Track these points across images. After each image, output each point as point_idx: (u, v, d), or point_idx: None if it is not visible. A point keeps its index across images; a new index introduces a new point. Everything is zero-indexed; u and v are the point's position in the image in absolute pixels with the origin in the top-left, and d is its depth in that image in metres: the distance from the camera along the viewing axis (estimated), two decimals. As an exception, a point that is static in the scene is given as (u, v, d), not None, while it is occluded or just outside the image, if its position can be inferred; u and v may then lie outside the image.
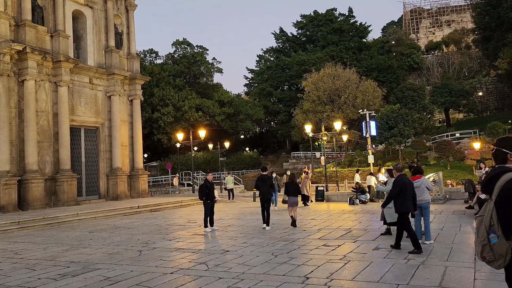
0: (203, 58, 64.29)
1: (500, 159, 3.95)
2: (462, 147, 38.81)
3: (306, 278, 7.01)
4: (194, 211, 21.13)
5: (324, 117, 48.91)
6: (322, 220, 14.75)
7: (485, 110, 67.62)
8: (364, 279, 6.82)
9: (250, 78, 77.58)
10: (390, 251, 8.95)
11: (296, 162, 52.07)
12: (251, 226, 14.01)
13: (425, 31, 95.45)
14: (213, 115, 55.35)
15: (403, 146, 40.05)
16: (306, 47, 73.71)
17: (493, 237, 3.70)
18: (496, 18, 60.77)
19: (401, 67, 70.23)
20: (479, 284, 6.30)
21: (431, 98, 54.92)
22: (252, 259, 8.72)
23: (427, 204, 10.13)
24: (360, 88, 51.72)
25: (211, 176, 14.33)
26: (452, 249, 9.00)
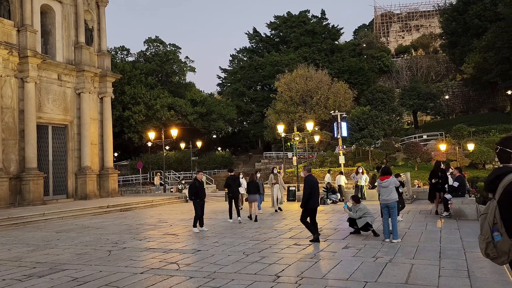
0: (176, 57, 63.70)
1: (504, 158, 4.05)
2: (429, 148, 39.94)
3: (277, 276, 7.07)
4: (165, 210, 20.93)
5: (297, 118, 49.38)
6: (293, 220, 14.88)
7: (451, 113, 69.75)
8: (334, 277, 6.94)
9: (223, 78, 77.42)
10: (359, 250, 9.13)
11: (268, 162, 52.27)
12: (223, 226, 14.00)
13: (395, 35, 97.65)
14: (186, 114, 54.91)
15: (373, 147, 40.86)
16: (279, 48, 74.15)
17: (497, 235, 3.82)
18: (463, 24, 62.87)
19: (371, 69, 71.59)
20: (444, 280, 6.51)
21: (400, 101, 56.24)
22: (223, 258, 8.72)
23: (394, 204, 10.38)
24: (332, 89, 52.43)
25: (201, 175, 14.14)
26: (418, 247, 9.26)
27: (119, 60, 59.92)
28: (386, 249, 9.11)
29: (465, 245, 9.22)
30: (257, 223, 14.32)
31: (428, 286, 6.22)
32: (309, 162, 39.93)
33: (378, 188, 10.72)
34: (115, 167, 36.45)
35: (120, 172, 41.48)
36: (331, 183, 23.42)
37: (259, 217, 15.62)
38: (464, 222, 12.75)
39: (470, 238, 10.16)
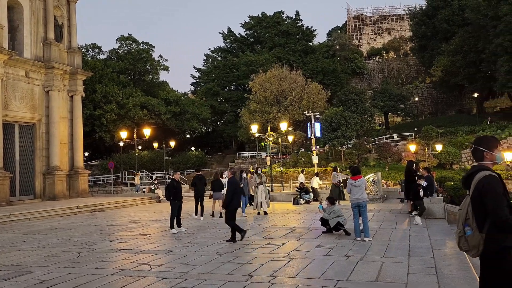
0: (149, 55, 62.84)
1: (478, 156, 4.24)
2: (399, 149, 40.85)
3: (250, 276, 7.08)
4: (137, 211, 20.62)
5: (271, 118, 49.59)
6: (266, 220, 14.94)
7: (421, 115, 71.53)
8: (306, 276, 7.00)
9: (197, 77, 76.91)
10: (332, 249, 9.24)
11: (242, 162, 52.26)
12: (195, 226, 13.91)
13: (367, 38, 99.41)
14: (159, 113, 54.24)
15: (346, 147, 41.45)
16: (253, 48, 74.28)
17: (468, 229, 4.05)
18: (432, 28, 64.58)
19: (344, 71, 72.63)
20: (412, 277, 6.67)
21: (372, 102, 57.26)
22: (196, 258, 8.66)
23: (365, 203, 10.56)
24: (306, 90, 52.88)
25: (179, 175, 13.98)
26: (389, 245, 9.44)
27: (90, 58, 58.63)
28: (357, 248, 9.25)
29: (433, 243, 9.46)
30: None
31: (397, 283, 6.35)
32: (283, 162, 40.15)
33: (349, 188, 10.87)
34: (86, 167, 35.69)
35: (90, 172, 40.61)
36: (304, 183, 23.63)
37: (241, 219, 15.48)
38: (432, 221, 13.09)
39: (438, 236, 10.44)
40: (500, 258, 4.01)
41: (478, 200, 4.03)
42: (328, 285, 6.40)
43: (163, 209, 20.44)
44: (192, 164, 52.46)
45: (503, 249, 4.00)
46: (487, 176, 4.02)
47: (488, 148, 4.23)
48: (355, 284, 6.39)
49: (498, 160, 4.22)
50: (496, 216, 3.89)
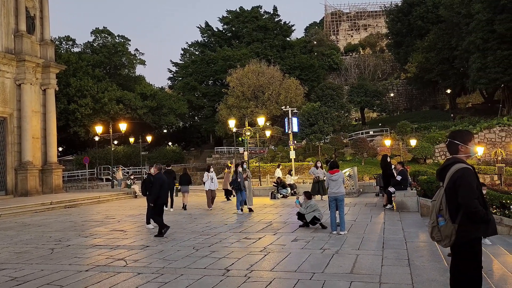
0: (125, 49, 61.77)
1: (452, 150, 4.39)
2: (375, 144, 41.50)
3: (227, 270, 7.09)
4: (113, 206, 20.34)
5: (248, 113, 49.56)
6: (244, 215, 14.97)
7: (396, 110, 72.81)
8: (283, 269, 7.06)
9: (174, 72, 76.13)
10: (308, 242, 9.34)
11: (219, 157, 52.18)
12: (172, 221, 13.81)
13: (344, 34, 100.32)
14: (135, 108, 53.48)
15: (323, 142, 41.82)
16: (231, 43, 73.95)
17: (441, 220, 4.19)
18: (407, 25, 65.61)
19: (322, 66, 73.11)
20: (386, 269, 6.80)
21: (349, 98, 57.91)
22: (172, 253, 8.62)
23: (342, 197, 10.69)
24: (283, 85, 53.03)
25: (156, 170, 13.77)
26: (364, 238, 9.60)
27: (64, 51, 57.22)
28: (333, 241, 9.37)
29: (406, 236, 9.66)
30: (208, 218, 14.27)
31: (372, 275, 6.47)
32: (260, 157, 40.24)
33: (327, 182, 11.00)
34: (60, 162, 34.99)
35: (65, 168, 39.80)
36: (281, 178, 23.78)
37: (280, 220, 15.49)
38: (406, 214, 13.37)
39: (411, 228, 10.67)
40: (470, 248, 4.16)
41: (452, 191, 4.16)
42: (304, 278, 6.47)
43: (139, 205, 20.23)
44: (169, 159, 52.00)
45: (474, 239, 4.15)
46: (462, 169, 4.15)
47: (463, 141, 4.36)
48: (330, 276, 6.48)
49: (472, 153, 4.35)
50: (467, 207, 4.02)
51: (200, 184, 43.38)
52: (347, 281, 6.17)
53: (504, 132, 37.88)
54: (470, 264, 4.19)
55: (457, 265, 4.28)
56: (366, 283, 6.08)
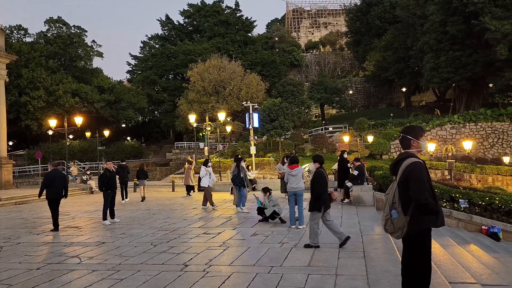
0: (81, 40, 59.66)
1: (405, 144, 4.53)
2: (334, 140, 42.34)
3: (185, 265, 7.03)
4: (67, 203, 19.61)
5: (209, 108, 49.25)
6: (203, 210, 14.87)
7: (354, 107, 74.55)
8: (241, 264, 7.07)
9: (134, 65, 74.29)
10: (267, 236, 9.40)
11: (179, 152, 51.59)
12: (130, 217, 13.54)
13: (305, 31, 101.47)
14: (92, 101, 51.84)
15: (283, 138, 42.22)
16: (192, 37, 73.11)
17: (394, 212, 4.34)
18: (365, 24, 67.25)
19: (283, 63, 73.65)
20: (342, 261, 6.97)
21: (309, 94, 58.72)
22: (129, 249, 8.44)
23: (301, 192, 10.83)
24: (245, 81, 53.04)
25: (111, 165, 13.39)
26: (321, 232, 9.72)
27: (15, 40, 54.51)
28: (292, 235, 9.49)
29: (362, 229, 9.93)
30: (166, 213, 14.07)
31: (328, 267, 6.60)
32: (221, 153, 40.11)
33: (286, 177, 11.10)
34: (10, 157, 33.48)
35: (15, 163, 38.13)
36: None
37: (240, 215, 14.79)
38: (363, 208, 13.73)
39: (367, 222, 10.98)
40: (421, 238, 4.34)
41: (404, 185, 4.31)
42: (262, 271, 6.51)
43: (96, 200, 19.69)
44: (128, 154, 50.93)
45: (424, 230, 4.33)
46: (414, 163, 4.31)
47: (415, 137, 4.53)
48: (288, 269, 6.55)
49: (423, 148, 4.53)
50: (418, 199, 4.19)
51: (159, 179, 42.78)
52: (305, 274, 6.27)
53: (454, 130, 39.66)
54: (420, 255, 4.36)
55: (409, 255, 4.44)
56: (323, 275, 6.19)
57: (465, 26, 40.57)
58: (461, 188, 16.03)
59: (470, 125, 39.67)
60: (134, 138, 63.38)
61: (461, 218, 13.84)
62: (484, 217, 13.74)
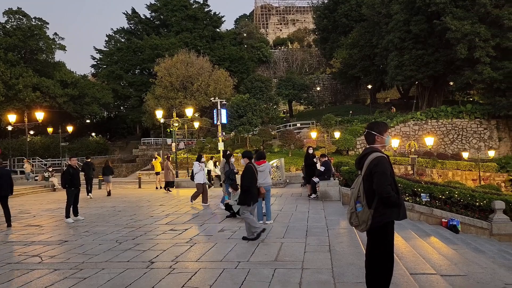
0: (43, 32, 57.51)
1: (370, 140, 4.64)
2: (302, 136, 42.78)
3: (151, 262, 6.94)
4: (28, 201, 18.99)
5: (177, 104, 48.72)
6: (170, 206, 14.72)
7: (322, 104, 75.52)
8: (208, 259, 7.05)
9: (98, 59, 72.49)
10: (234, 232, 9.40)
11: (146, 148, 50.83)
12: (94, 214, 13.23)
13: (273, 27, 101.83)
14: (54, 96, 50.23)
15: (251, 134, 42.29)
16: (159, 31, 72.00)
17: (359, 206, 4.46)
18: (332, 22, 68.16)
19: (251, 59, 73.70)
20: (308, 255, 7.06)
21: (277, 90, 59.04)
22: (93, 247, 8.25)
23: (269, 188, 10.89)
24: (213, 76, 52.76)
25: (75, 161, 13.01)
26: (288, 227, 9.87)
27: (-29, 31, 52.11)
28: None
29: (328, 223, 10.09)
30: (132, 210, 13.84)
31: (295, 262, 6.68)
32: (188, 149, 39.79)
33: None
34: (-34, 154, 32.00)
35: (-28, 159, 36.47)
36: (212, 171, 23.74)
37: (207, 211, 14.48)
38: (329, 203, 13.95)
39: (333, 216, 11.16)
40: (384, 231, 4.46)
41: (369, 179, 4.43)
42: (229, 267, 6.51)
43: (58, 198, 19.14)
44: (93, 150, 49.71)
45: (387, 223, 4.46)
46: (378, 157, 4.43)
47: (379, 132, 4.65)
48: (255, 264, 6.58)
49: (387, 143, 4.65)
50: (381, 193, 4.31)
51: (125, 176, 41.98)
52: (271, 268, 6.31)
53: (417, 126, 40.87)
54: (384, 247, 4.48)
55: (372, 248, 4.56)
56: (289, 269, 6.26)
57: (428, 26, 41.82)
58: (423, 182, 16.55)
59: (432, 122, 40.97)
60: (99, 134, 61.93)
61: (423, 212, 14.30)
62: (444, 210, 14.25)
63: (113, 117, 71.40)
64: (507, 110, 37.71)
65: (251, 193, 8.56)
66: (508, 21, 35.93)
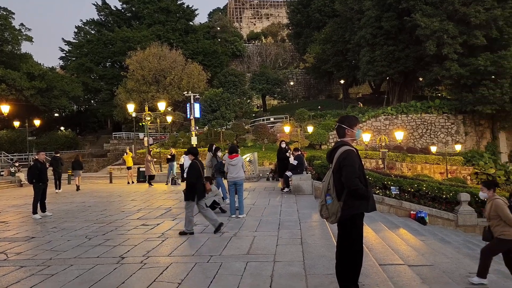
0: (8, 23, 55.46)
1: (340, 133, 4.72)
2: (275, 130, 42.95)
3: (122, 258, 6.84)
4: (-7, 197, 18.40)
5: (149, 98, 47.99)
6: (142, 201, 14.54)
7: (295, 98, 75.95)
8: (180, 254, 7.01)
9: (67, 51, 70.45)
10: (207, 226, 9.37)
11: (118, 143, 49.97)
12: (63, 210, 12.93)
13: (247, 21, 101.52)
14: (21, 89, 48.57)
15: (225, 128, 42.16)
16: (131, 24, 70.65)
17: (329, 198, 4.56)
18: (306, 17, 68.52)
19: (225, 53, 73.28)
20: (280, 248, 7.12)
21: (251, 85, 58.99)
22: (62, 244, 8.07)
23: (242, 181, 10.90)
24: (186, 70, 52.20)
25: (43, 156, 12.63)
26: (261, 221, 9.91)
27: None
28: (232, 224, 9.54)
29: (301, 217, 10.19)
30: (102, 206, 13.60)
31: (267, 255, 6.72)
32: (161, 143, 39.35)
33: (226, 166, 11.12)
34: None
35: None
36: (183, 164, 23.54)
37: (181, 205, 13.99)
38: (302, 197, 14.08)
39: (305, 210, 11.27)
40: (354, 223, 4.55)
41: (338, 172, 4.51)
42: (201, 261, 6.49)
43: (25, 194, 18.61)
44: (62, 145, 48.50)
45: (356, 215, 4.54)
46: (347, 151, 4.51)
47: (349, 125, 4.72)
48: (227, 258, 6.59)
49: (358, 137, 4.72)
50: (349, 185, 4.39)
51: (96, 171, 41.15)
52: (244, 262, 6.33)
53: (388, 121, 41.66)
54: (353, 238, 4.56)
55: (342, 239, 4.64)
56: (261, 262, 6.29)
57: (399, 22, 42.58)
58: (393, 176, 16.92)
59: (402, 117, 41.85)
60: (68, 128, 60.37)
61: (392, 204, 14.63)
62: (412, 203, 14.63)
63: (83, 111, 69.71)
64: (473, 106, 38.90)
65: (196, 189, 8.59)
66: (474, 19, 36.98)
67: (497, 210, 6.73)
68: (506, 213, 6.63)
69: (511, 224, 6.62)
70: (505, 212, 6.63)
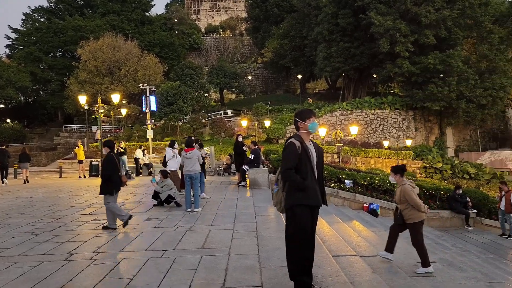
0: None
1: (296, 127, 4.84)
2: (232, 124, 42.90)
3: (70, 254, 6.56)
4: None
5: (103, 89, 46.50)
6: (94, 196, 14.06)
7: (253, 93, 76.05)
8: (133, 249, 6.82)
9: (14, 39, 66.87)
10: (161, 221, 9.21)
11: (69, 136, 48.17)
12: (8, 206, 12.26)
13: (205, 14, 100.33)
14: (-38, 78, 45.75)
15: (182, 122, 41.60)
16: (83, 12, 67.93)
17: (275, 188, 4.77)
18: (264, 11, 68.66)
19: (182, 45, 72.12)
20: (235, 242, 7.09)
21: (208, 78, 58.47)
22: (5, 241, 7.63)
23: (197, 175, 10.79)
24: (142, 62, 50.97)
25: None
26: (217, 215, 9.85)
27: None
28: (187, 219, 9.41)
29: (256, 210, 10.21)
30: (50, 201, 13.02)
31: (222, 248, 6.67)
32: (115, 136, 38.28)
33: (182, 160, 10.96)
34: None
35: None
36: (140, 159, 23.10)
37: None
38: (258, 190, 14.13)
39: (261, 203, 11.31)
40: (294, 213, 4.65)
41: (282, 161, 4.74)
42: (154, 256, 6.35)
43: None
44: (8, 138, 46.14)
45: (296, 205, 4.65)
46: (288, 142, 4.69)
47: (301, 118, 4.79)
48: (181, 252, 6.48)
49: (311, 129, 4.76)
50: (283, 176, 4.61)
51: (45, 165, 39.46)
52: (198, 256, 6.25)
53: (343, 116, 42.63)
54: (293, 228, 4.65)
55: (286, 229, 4.78)
56: (216, 256, 6.24)
57: (354, 20, 43.55)
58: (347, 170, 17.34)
59: (357, 112, 42.95)
60: (15, 120, 57.45)
61: (346, 197, 14.99)
62: (366, 196, 15.05)
63: (31, 102, 66.51)
64: (423, 102, 40.54)
65: (113, 181, 8.43)
66: (425, 19, 38.45)
67: (405, 195, 7.09)
68: (412, 197, 7.06)
69: (418, 208, 7.00)
70: (412, 197, 7.06)
